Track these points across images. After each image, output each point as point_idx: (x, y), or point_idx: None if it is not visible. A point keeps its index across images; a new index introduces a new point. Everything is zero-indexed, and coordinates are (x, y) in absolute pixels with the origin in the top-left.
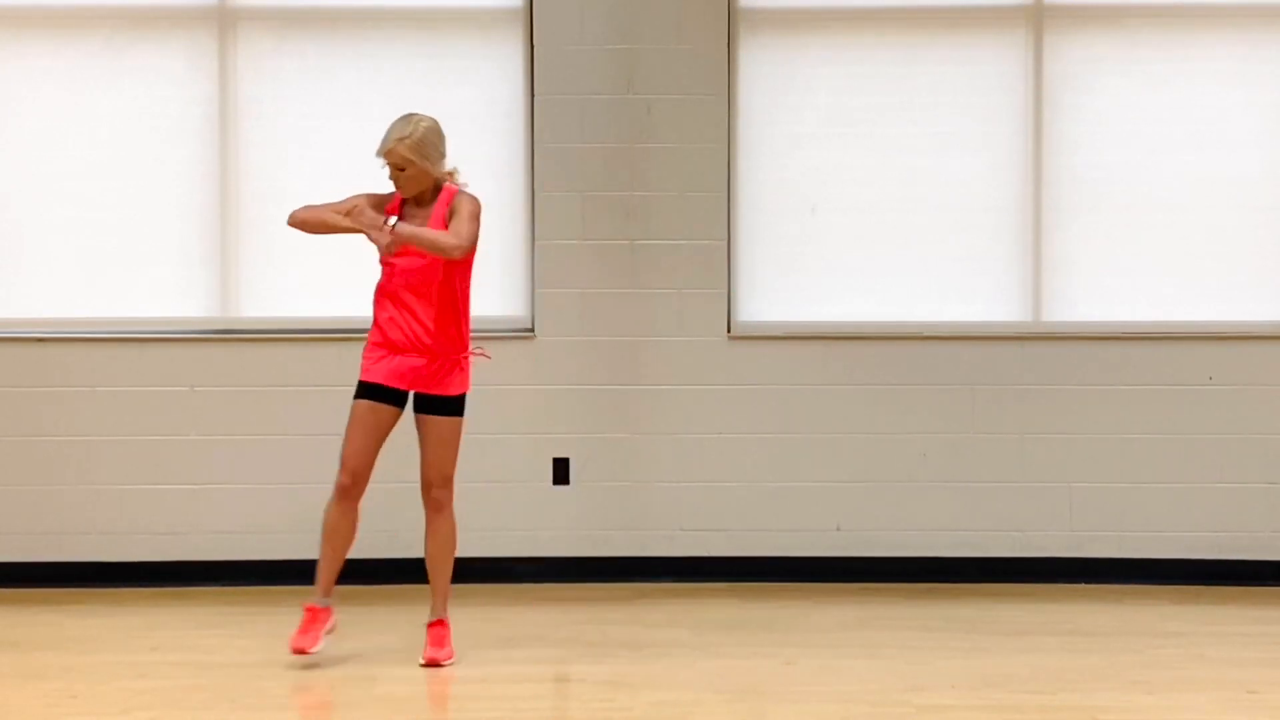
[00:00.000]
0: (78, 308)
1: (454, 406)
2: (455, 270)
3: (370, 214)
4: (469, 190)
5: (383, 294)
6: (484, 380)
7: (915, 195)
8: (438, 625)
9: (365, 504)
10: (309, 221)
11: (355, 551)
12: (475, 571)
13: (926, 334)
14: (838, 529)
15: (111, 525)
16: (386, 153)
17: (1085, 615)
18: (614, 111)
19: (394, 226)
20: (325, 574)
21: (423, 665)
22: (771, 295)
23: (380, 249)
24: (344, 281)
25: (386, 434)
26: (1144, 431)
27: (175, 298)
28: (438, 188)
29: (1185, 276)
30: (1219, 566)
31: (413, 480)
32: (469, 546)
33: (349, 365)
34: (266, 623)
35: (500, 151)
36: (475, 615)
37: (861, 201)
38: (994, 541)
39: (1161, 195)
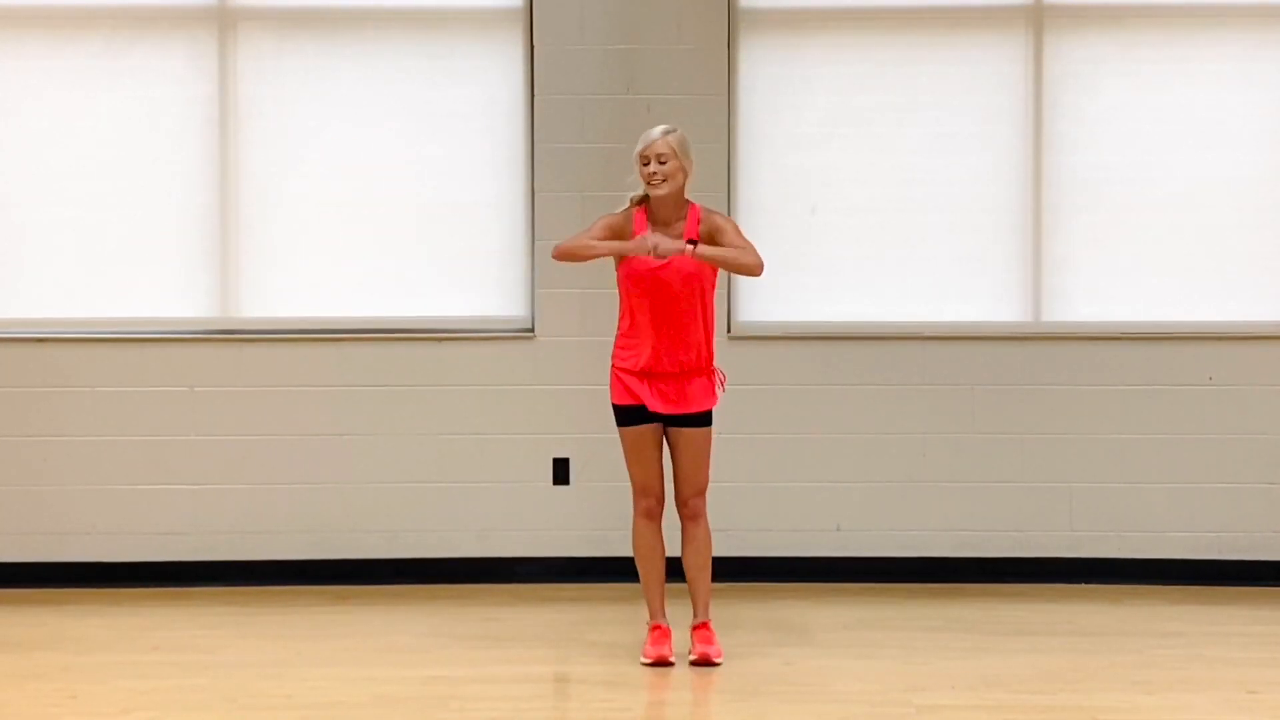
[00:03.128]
0: (78, 308)
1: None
2: (710, 288)
3: (651, 240)
4: (709, 206)
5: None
6: (484, 380)
7: (915, 195)
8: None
9: (365, 504)
10: (571, 251)
11: (355, 551)
12: (475, 571)
13: (926, 334)
14: (838, 529)
15: (111, 525)
16: (651, 144)
17: (1085, 615)
18: (614, 111)
19: (696, 249)
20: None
21: (693, 663)
22: (771, 295)
23: (649, 246)
24: (344, 282)
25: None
26: (1144, 431)
27: (175, 298)
28: (681, 206)
29: (1185, 276)
30: (1219, 566)
31: (414, 481)
32: (469, 546)
33: (349, 365)
34: (266, 623)
35: (500, 151)
36: (475, 615)
37: (861, 201)
38: (994, 541)
39: (1161, 195)
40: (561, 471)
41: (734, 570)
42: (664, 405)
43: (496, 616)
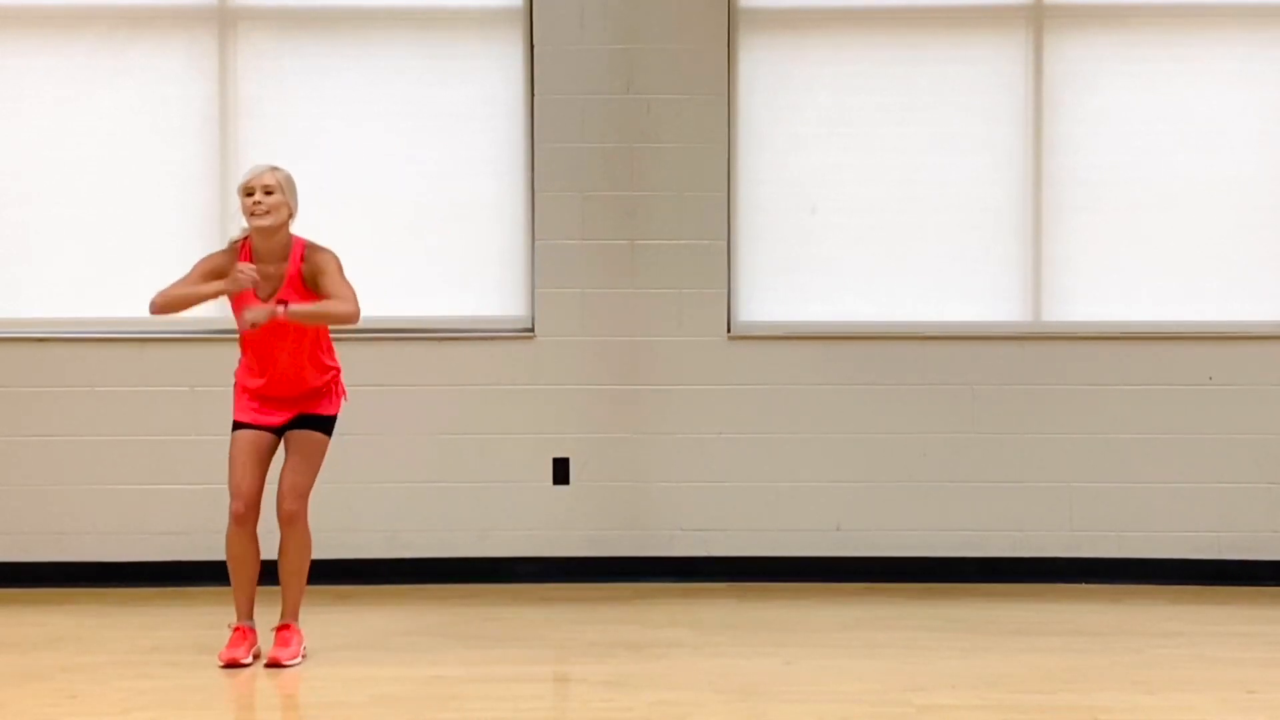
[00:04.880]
0: (78, 308)
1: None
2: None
3: (247, 273)
4: (314, 241)
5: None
6: (484, 380)
7: (915, 195)
8: None
9: (365, 504)
10: (172, 301)
11: (355, 551)
12: (475, 571)
13: (926, 334)
14: (838, 529)
15: (111, 525)
16: (259, 176)
17: (1085, 615)
18: (614, 111)
19: (287, 310)
20: None
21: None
22: (771, 295)
23: (246, 322)
24: None
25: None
26: (1144, 431)
27: None
28: (285, 243)
29: (1185, 276)
30: (1219, 566)
31: (414, 481)
32: (469, 546)
33: (348, 365)
34: (267, 623)
35: (500, 151)
36: (475, 615)
37: (861, 201)
38: (994, 541)
39: (1161, 195)
40: (561, 471)
41: (734, 570)
42: (281, 419)
43: (496, 616)
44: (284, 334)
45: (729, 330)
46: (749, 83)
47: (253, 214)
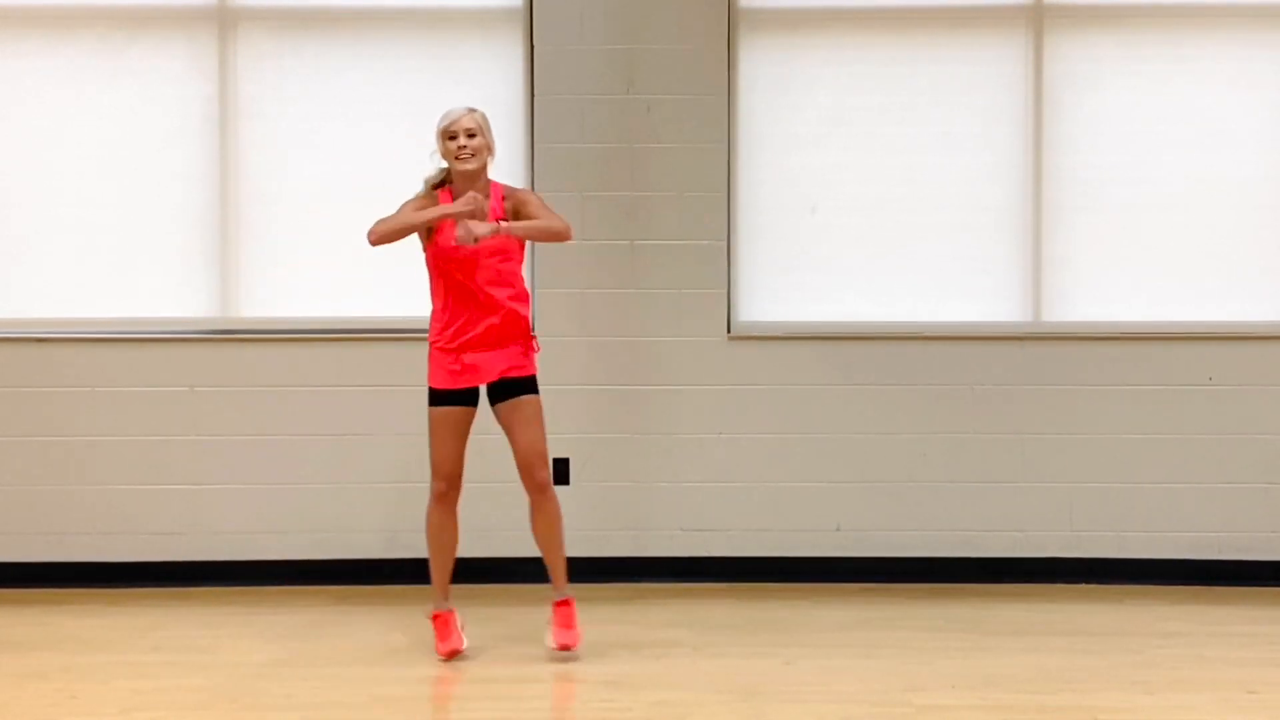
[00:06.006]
0: (78, 308)
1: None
2: (517, 262)
3: (480, 199)
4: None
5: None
6: None
7: (915, 195)
8: None
9: (365, 504)
10: (393, 229)
11: (355, 551)
12: (475, 571)
13: (926, 334)
14: (838, 529)
15: (111, 525)
16: (458, 120)
17: (1085, 615)
18: (614, 111)
19: (510, 226)
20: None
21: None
22: (771, 295)
23: (469, 237)
24: (344, 282)
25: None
26: (1144, 431)
27: (175, 298)
28: (485, 184)
29: (1185, 276)
30: (1219, 566)
31: (414, 481)
32: (469, 546)
33: (348, 365)
34: (267, 623)
35: (500, 151)
36: (475, 615)
37: (861, 201)
38: (994, 541)
39: (1161, 195)
40: (561, 471)
41: (734, 570)
42: (482, 376)
43: (496, 616)
44: (494, 279)
45: (729, 330)
46: (749, 83)
47: (458, 157)
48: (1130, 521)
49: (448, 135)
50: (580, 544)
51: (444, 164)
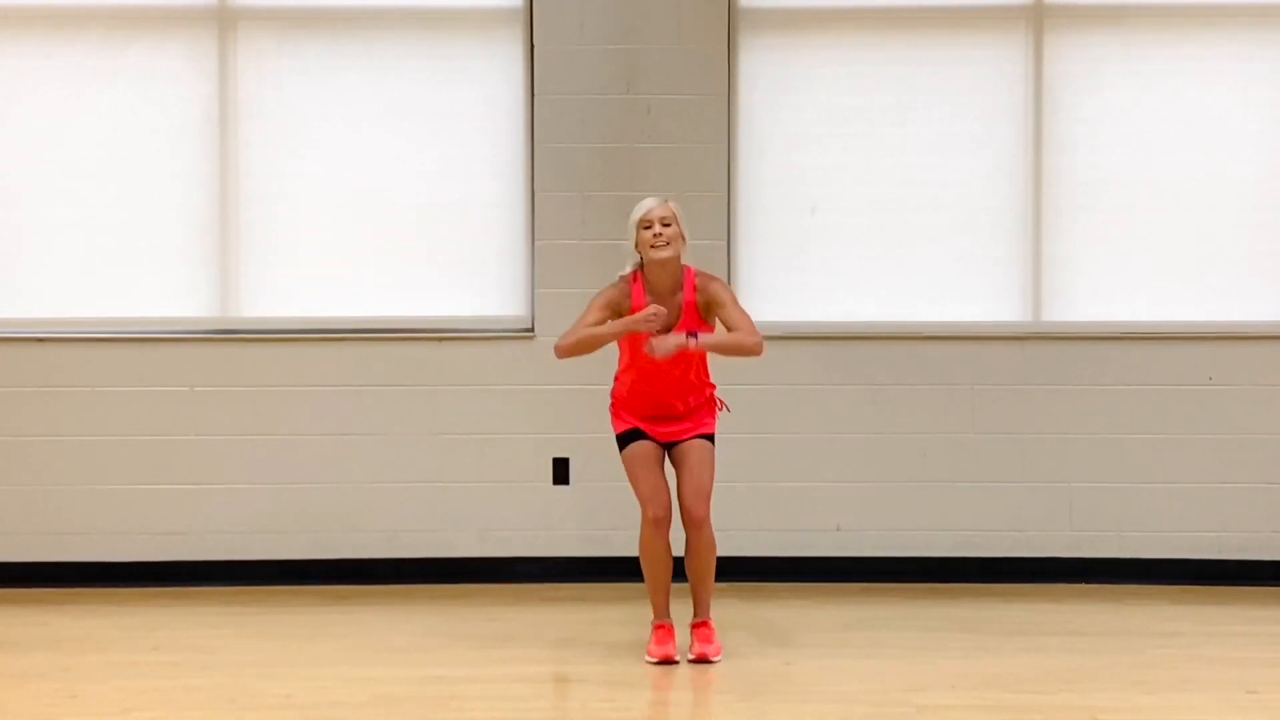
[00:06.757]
0: (78, 308)
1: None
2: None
3: (657, 314)
4: (702, 270)
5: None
6: (484, 380)
7: (915, 195)
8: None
9: (365, 504)
10: (580, 344)
11: (355, 551)
12: (475, 571)
13: (926, 334)
14: (838, 529)
15: (111, 525)
16: (650, 210)
17: (1085, 615)
18: (614, 111)
19: (699, 341)
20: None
21: (692, 660)
22: (772, 295)
23: (657, 353)
24: (344, 281)
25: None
26: (1144, 431)
27: (175, 298)
28: (678, 272)
29: (1185, 276)
30: (1219, 566)
31: (414, 481)
32: (469, 546)
33: (349, 365)
34: (266, 623)
35: (500, 151)
36: (475, 615)
37: (861, 201)
38: (994, 541)
39: (1161, 195)
40: (561, 471)
41: (734, 570)
42: (663, 436)
43: (496, 616)
44: (675, 361)
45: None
46: (749, 83)
47: (653, 246)
48: (1130, 521)
49: (643, 225)
50: (580, 544)
51: (636, 256)
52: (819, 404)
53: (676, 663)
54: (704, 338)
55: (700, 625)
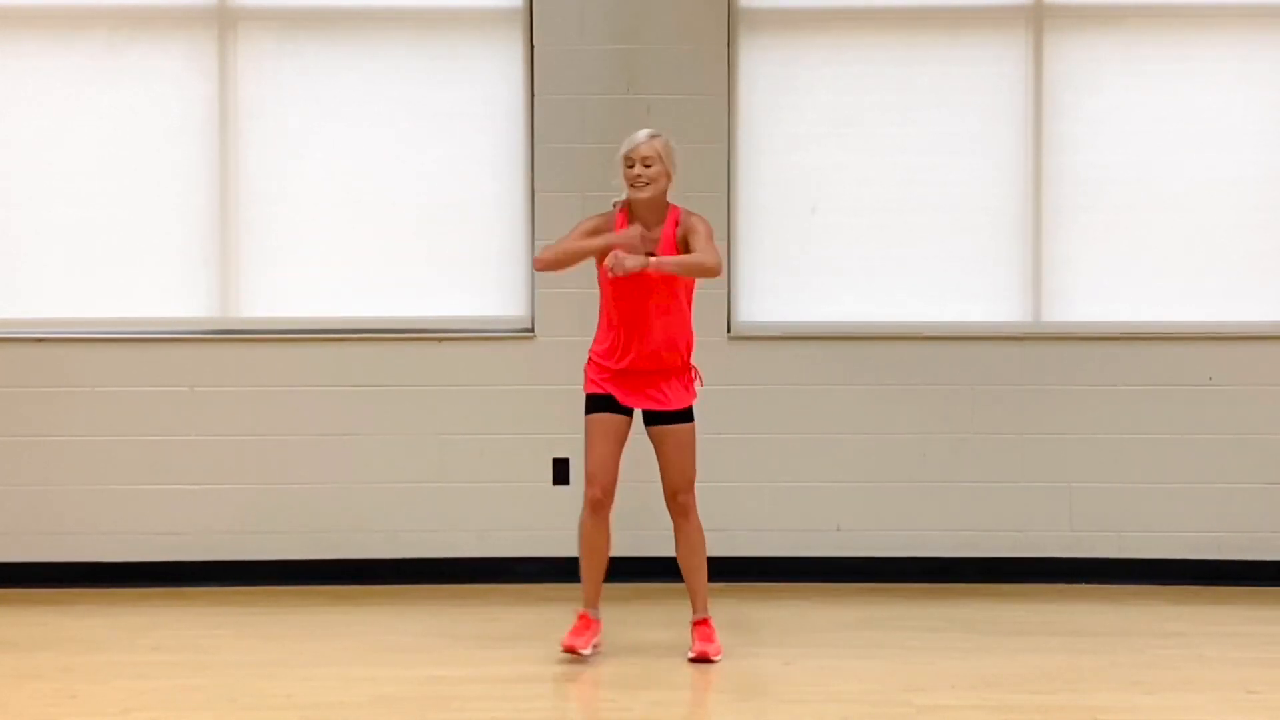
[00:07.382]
0: (78, 308)
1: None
2: (685, 288)
3: (635, 230)
4: (689, 209)
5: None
6: (484, 380)
7: (915, 195)
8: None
9: (365, 504)
10: (560, 256)
11: (355, 551)
12: (475, 571)
13: (926, 334)
14: (838, 529)
15: (111, 525)
16: (636, 147)
17: (1085, 615)
18: (614, 111)
19: (658, 261)
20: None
21: (691, 660)
22: (772, 295)
23: (619, 268)
24: (344, 281)
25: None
26: (1144, 431)
27: (175, 298)
28: (662, 209)
29: (1185, 276)
30: (1219, 566)
31: (414, 481)
32: (469, 546)
33: (349, 365)
34: (266, 623)
35: (500, 151)
36: (475, 615)
37: (861, 201)
38: (994, 541)
39: (1161, 195)
40: (561, 471)
41: (734, 570)
42: (638, 401)
43: (496, 616)
44: (658, 307)
45: (729, 330)
46: (749, 83)
47: (633, 185)
48: (1130, 521)
49: (626, 162)
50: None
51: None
52: (819, 404)
53: (583, 657)
54: (664, 258)
55: (700, 624)
